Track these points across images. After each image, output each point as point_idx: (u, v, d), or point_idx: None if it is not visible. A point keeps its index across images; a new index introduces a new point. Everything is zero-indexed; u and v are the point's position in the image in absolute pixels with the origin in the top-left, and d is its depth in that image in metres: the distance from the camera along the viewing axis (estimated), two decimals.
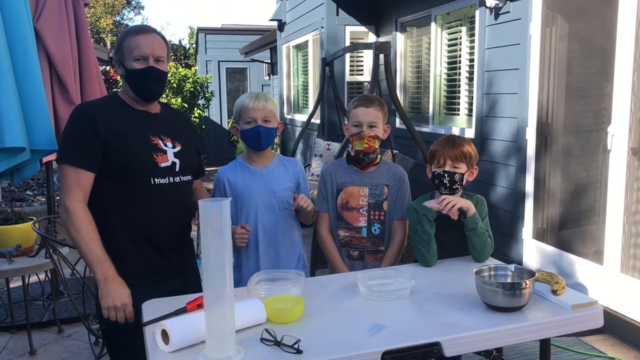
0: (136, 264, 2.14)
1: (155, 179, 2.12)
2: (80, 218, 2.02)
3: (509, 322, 1.75)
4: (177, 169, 2.18)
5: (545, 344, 1.99)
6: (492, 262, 2.27)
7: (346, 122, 2.56)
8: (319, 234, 2.59)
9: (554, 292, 1.90)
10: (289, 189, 2.49)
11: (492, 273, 1.97)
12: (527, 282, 1.80)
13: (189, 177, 2.27)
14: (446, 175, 2.30)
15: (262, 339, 1.62)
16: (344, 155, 2.63)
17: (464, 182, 2.32)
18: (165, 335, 1.60)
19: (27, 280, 3.78)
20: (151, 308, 1.86)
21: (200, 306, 1.76)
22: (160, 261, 2.18)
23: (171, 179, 2.16)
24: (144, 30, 2.15)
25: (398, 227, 2.54)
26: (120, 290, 2.01)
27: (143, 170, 2.11)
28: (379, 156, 2.53)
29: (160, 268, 2.18)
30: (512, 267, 1.98)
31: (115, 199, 2.11)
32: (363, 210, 2.51)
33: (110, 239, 2.12)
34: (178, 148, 2.20)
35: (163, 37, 2.19)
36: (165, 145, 2.17)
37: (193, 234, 2.36)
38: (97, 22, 24.15)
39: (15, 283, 4.34)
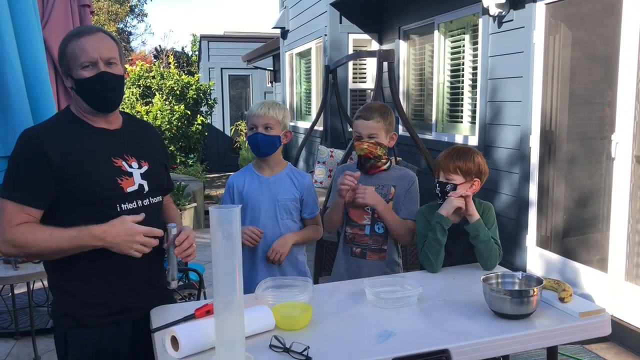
0: (110, 301, 1.88)
1: (122, 205, 1.85)
2: (25, 234, 1.75)
3: (517, 329, 1.75)
4: (145, 191, 1.92)
5: (552, 352, 1.98)
6: (499, 269, 2.28)
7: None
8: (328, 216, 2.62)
9: (562, 299, 1.91)
10: (292, 199, 2.52)
11: (499, 280, 1.98)
12: (535, 289, 1.80)
13: (159, 198, 2.02)
14: (437, 185, 2.35)
15: (271, 346, 1.63)
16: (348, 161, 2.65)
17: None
18: (174, 341, 1.60)
19: (31, 286, 3.78)
20: (159, 315, 1.87)
21: (208, 312, 1.77)
22: (135, 298, 1.92)
23: (139, 202, 1.90)
24: (87, 31, 1.86)
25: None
26: (118, 228, 1.76)
27: (107, 197, 1.83)
28: (384, 161, 2.55)
29: (136, 305, 1.92)
30: (519, 274, 1.99)
31: None
32: (367, 209, 2.53)
33: (79, 276, 1.85)
34: (145, 167, 1.94)
35: (111, 36, 1.90)
36: (131, 167, 1.90)
37: None
38: None
39: (20, 289, 4.34)
